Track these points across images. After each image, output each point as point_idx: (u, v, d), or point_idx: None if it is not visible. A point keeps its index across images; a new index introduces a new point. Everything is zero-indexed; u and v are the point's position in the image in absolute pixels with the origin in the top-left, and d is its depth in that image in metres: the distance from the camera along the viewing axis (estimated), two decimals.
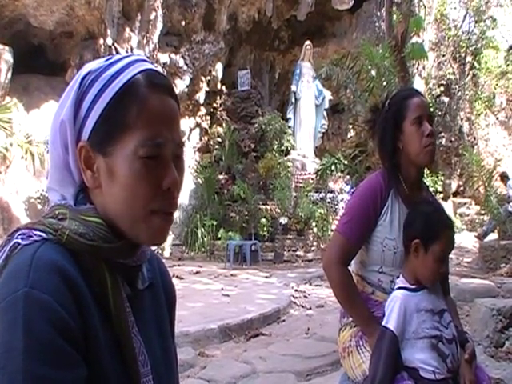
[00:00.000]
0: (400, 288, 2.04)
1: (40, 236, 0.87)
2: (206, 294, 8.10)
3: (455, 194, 20.79)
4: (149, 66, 0.97)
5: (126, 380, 0.90)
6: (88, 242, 0.89)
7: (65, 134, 0.95)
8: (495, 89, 21.93)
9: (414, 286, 2.02)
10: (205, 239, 14.07)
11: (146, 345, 0.97)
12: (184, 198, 15.64)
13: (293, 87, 16.58)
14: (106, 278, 0.90)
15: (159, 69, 1.01)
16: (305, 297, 8.30)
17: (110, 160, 0.91)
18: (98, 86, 0.93)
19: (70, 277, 0.84)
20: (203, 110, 17.04)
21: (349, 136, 19.10)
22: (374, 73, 8.84)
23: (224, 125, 16.48)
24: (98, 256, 0.90)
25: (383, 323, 1.99)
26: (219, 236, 13.80)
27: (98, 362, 0.85)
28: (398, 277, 2.16)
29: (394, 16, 9.67)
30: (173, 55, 15.44)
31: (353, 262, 2.30)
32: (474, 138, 21.26)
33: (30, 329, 0.77)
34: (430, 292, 2.03)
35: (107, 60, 0.97)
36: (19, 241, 0.87)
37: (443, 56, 21.00)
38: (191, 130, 16.71)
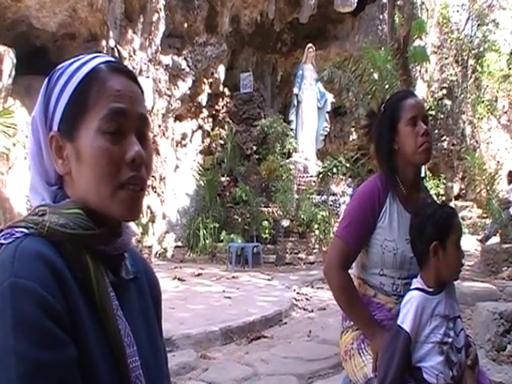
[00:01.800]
0: (418, 289, 2.02)
1: (22, 232, 0.89)
2: (207, 296, 8.10)
3: (457, 198, 20.79)
4: (111, 58, 1.03)
5: (113, 361, 0.91)
6: (69, 231, 0.91)
7: (37, 131, 1.00)
8: (497, 92, 21.95)
9: (432, 289, 2.01)
10: (207, 241, 14.06)
11: (132, 328, 0.98)
12: (186, 200, 15.65)
13: (295, 90, 16.57)
14: (89, 264, 0.92)
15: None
16: (306, 299, 8.29)
17: (77, 144, 0.95)
18: (64, 79, 0.98)
19: (54, 264, 0.86)
20: (205, 112, 17.03)
21: (351, 139, 19.12)
22: (376, 76, 8.85)
23: (226, 127, 16.48)
24: (79, 244, 0.92)
25: (398, 322, 1.97)
26: (221, 238, 13.81)
27: (84, 344, 0.86)
28: (399, 278, 2.16)
29: (397, 19, 9.68)
30: (175, 57, 15.44)
31: (354, 265, 2.30)
32: (476, 142, 21.27)
33: (19, 314, 0.79)
34: (446, 296, 2.02)
35: (73, 59, 1.02)
36: (2, 241, 0.89)
37: (445, 59, 21.02)
38: (193, 132, 16.71)
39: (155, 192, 14.62)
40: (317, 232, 13.59)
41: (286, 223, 13.70)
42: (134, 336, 0.98)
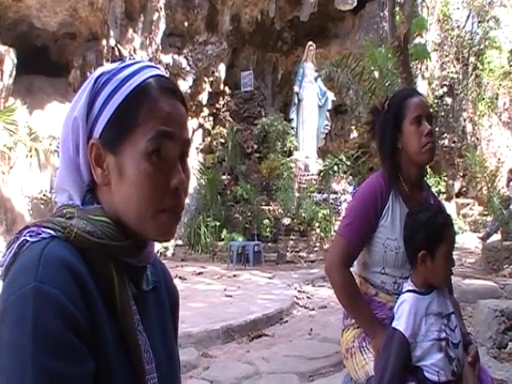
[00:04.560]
0: (409, 291, 2.03)
1: (48, 233, 0.88)
2: (208, 294, 8.10)
3: (458, 195, 20.78)
4: (160, 72, 1.00)
5: (131, 376, 0.91)
6: (96, 240, 0.90)
7: (77, 132, 0.97)
8: (498, 89, 21.92)
9: (423, 290, 2.01)
10: (208, 240, 14.06)
11: (151, 343, 0.98)
12: (187, 198, 15.61)
13: (296, 88, 16.57)
14: (113, 276, 0.91)
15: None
16: (308, 298, 8.29)
17: (120, 159, 0.93)
18: (112, 87, 0.95)
19: (79, 273, 0.85)
20: (206, 111, 17.03)
21: (352, 137, 19.09)
22: (376, 74, 8.85)
23: (227, 126, 16.47)
24: (105, 254, 0.91)
25: (393, 325, 1.98)
26: (222, 237, 13.81)
27: (103, 357, 0.86)
28: (400, 277, 2.16)
29: (397, 17, 9.66)
30: (176, 56, 15.45)
31: (355, 263, 2.29)
32: (477, 139, 21.25)
33: (40, 322, 0.78)
34: (438, 294, 2.02)
35: (120, 64, 1.00)
36: (28, 238, 0.88)
37: (446, 56, 20.99)
38: (194, 130, 16.70)
39: None
40: (318, 230, 13.60)
41: (286, 221, 13.71)
42: (152, 351, 0.97)
